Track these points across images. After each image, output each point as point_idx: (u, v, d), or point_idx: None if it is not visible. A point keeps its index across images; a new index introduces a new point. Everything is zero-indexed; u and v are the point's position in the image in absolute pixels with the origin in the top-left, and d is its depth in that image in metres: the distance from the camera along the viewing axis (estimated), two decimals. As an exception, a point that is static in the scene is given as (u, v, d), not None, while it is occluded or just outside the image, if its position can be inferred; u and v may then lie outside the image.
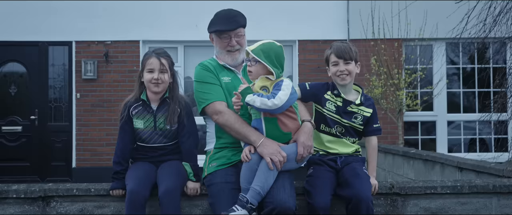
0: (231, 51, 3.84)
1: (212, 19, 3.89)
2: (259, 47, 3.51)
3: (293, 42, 10.49)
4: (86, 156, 10.31)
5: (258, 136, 3.51)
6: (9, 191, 3.85)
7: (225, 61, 3.87)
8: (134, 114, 3.84)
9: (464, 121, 10.68)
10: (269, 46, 3.53)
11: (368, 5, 9.95)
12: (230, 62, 3.87)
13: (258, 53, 3.49)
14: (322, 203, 3.48)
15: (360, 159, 3.83)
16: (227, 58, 3.86)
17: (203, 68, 3.85)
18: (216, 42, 3.89)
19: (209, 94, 3.76)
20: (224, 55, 3.87)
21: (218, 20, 3.84)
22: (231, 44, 3.83)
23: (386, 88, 9.45)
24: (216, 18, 3.87)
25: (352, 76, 3.80)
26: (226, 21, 3.80)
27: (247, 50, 3.53)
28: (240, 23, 3.84)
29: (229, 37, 3.82)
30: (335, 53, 3.79)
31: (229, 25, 3.80)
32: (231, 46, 3.83)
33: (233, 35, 3.82)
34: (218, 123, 3.72)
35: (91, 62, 10.24)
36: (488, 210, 3.99)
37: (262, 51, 3.50)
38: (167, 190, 3.53)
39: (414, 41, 9.87)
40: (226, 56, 3.86)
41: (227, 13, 3.86)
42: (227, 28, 3.79)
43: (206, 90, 3.78)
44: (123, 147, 3.83)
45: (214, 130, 3.84)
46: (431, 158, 6.46)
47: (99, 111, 10.30)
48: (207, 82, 3.79)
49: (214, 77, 3.81)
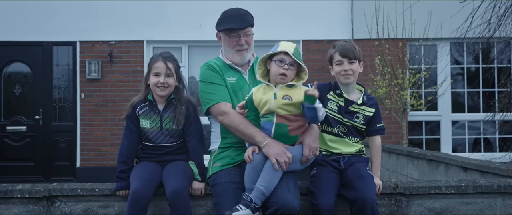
0: (240, 50, 3.83)
1: (221, 17, 3.86)
2: (295, 50, 3.43)
3: (297, 42, 10.46)
4: (90, 156, 10.32)
5: (263, 137, 3.49)
6: (13, 191, 3.86)
7: (233, 60, 3.86)
8: (140, 114, 3.86)
9: (468, 121, 10.65)
10: (299, 50, 3.50)
11: (372, 5, 9.94)
12: (238, 61, 3.86)
13: (299, 57, 3.42)
14: (326, 204, 3.47)
15: (363, 160, 3.82)
16: (236, 56, 3.84)
17: (208, 68, 3.85)
18: (225, 41, 3.86)
19: (214, 95, 3.75)
20: (233, 54, 3.85)
21: (228, 18, 3.81)
22: (240, 43, 3.81)
23: (390, 88, 9.43)
24: (225, 16, 3.84)
25: (355, 76, 3.79)
26: (236, 19, 3.78)
27: (288, 51, 3.40)
28: (250, 22, 3.83)
29: (239, 36, 3.80)
30: (339, 52, 3.77)
31: (239, 23, 3.78)
32: (240, 45, 3.81)
33: (243, 34, 3.80)
34: (223, 124, 3.71)
35: (95, 62, 10.26)
36: (493, 210, 3.97)
37: (299, 54, 3.47)
38: (175, 191, 3.53)
39: (419, 41, 9.85)
40: (235, 54, 3.84)
41: (236, 11, 3.84)
42: (237, 27, 3.78)
43: (211, 90, 3.77)
44: (128, 146, 3.84)
45: (219, 130, 3.84)
46: (435, 158, 6.45)
47: (103, 111, 10.32)
48: (212, 82, 3.79)
49: (219, 77, 3.80)
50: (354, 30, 10.33)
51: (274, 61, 3.45)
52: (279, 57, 3.43)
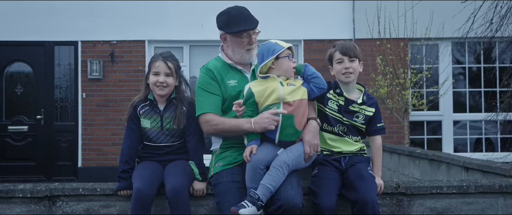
0: (250, 49, 3.83)
1: (225, 18, 3.81)
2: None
3: (299, 42, 10.49)
4: (92, 155, 10.33)
5: (248, 121, 3.54)
6: (15, 191, 3.87)
7: (240, 59, 3.84)
8: (141, 114, 3.87)
9: (470, 120, 10.64)
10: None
11: (374, 5, 9.93)
12: (247, 60, 3.85)
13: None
14: (328, 203, 3.47)
15: (364, 159, 3.81)
16: (246, 55, 3.83)
17: (206, 73, 3.83)
18: (233, 42, 3.82)
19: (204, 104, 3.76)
20: (243, 54, 3.83)
21: (236, 19, 3.77)
22: (251, 42, 3.81)
23: (392, 88, 9.42)
24: (231, 17, 3.79)
25: (356, 74, 3.80)
26: (245, 20, 3.77)
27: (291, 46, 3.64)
28: (257, 21, 3.84)
29: (249, 35, 3.79)
30: (340, 50, 3.79)
31: (250, 24, 3.78)
32: (250, 44, 3.81)
33: (252, 33, 3.81)
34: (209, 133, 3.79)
35: (96, 62, 10.26)
36: (494, 210, 3.97)
37: None
38: (174, 189, 3.54)
39: (420, 40, 9.84)
40: (245, 54, 3.83)
41: (240, 11, 3.82)
42: (250, 28, 3.77)
43: (203, 99, 3.78)
44: (130, 146, 3.85)
45: (220, 130, 3.84)
46: (437, 158, 6.44)
47: (105, 110, 10.33)
48: (206, 90, 3.78)
49: (215, 84, 3.79)
50: (356, 30, 10.32)
51: (285, 58, 3.59)
52: (287, 53, 3.62)
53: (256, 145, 3.51)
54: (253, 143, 3.53)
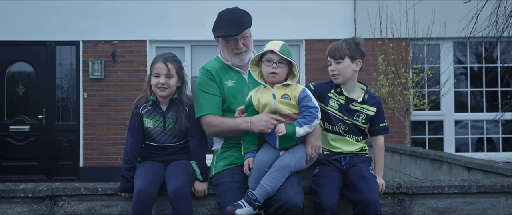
0: (238, 53, 3.80)
1: (216, 21, 3.79)
2: (282, 47, 3.45)
3: (300, 42, 10.48)
4: (93, 155, 10.33)
5: (245, 121, 3.53)
6: (16, 190, 3.87)
7: (233, 62, 3.84)
8: (144, 114, 3.87)
9: (471, 120, 10.63)
10: (287, 46, 3.51)
11: (376, 4, 9.92)
12: (237, 64, 3.84)
13: (287, 53, 3.45)
14: (329, 203, 3.47)
15: (366, 159, 3.81)
16: (234, 59, 3.82)
17: (204, 74, 3.83)
18: (222, 45, 3.83)
19: (204, 105, 3.76)
20: (231, 57, 3.82)
21: (223, 22, 3.74)
22: (238, 47, 3.77)
23: (394, 88, 9.42)
24: (220, 20, 3.77)
25: (344, 75, 3.74)
26: (231, 24, 3.71)
27: (274, 50, 3.42)
28: (246, 25, 3.75)
29: (236, 40, 3.75)
30: (328, 52, 3.80)
31: (234, 29, 3.71)
32: (237, 48, 3.78)
33: (239, 38, 3.75)
34: (211, 135, 3.79)
35: (98, 62, 10.26)
36: (496, 210, 3.97)
37: (288, 51, 3.48)
38: (175, 189, 3.54)
39: (422, 40, 9.83)
40: (233, 58, 3.82)
41: (231, 15, 3.76)
42: (232, 33, 3.72)
43: (202, 100, 3.77)
44: (133, 145, 3.85)
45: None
46: (438, 158, 6.43)
47: (106, 110, 10.33)
48: (205, 90, 3.78)
49: (214, 85, 3.79)
50: (357, 30, 10.30)
51: (263, 62, 3.49)
52: (267, 57, 3.47)
53: (253, 158, 3.52)
54: (249, 156, 3.54)
